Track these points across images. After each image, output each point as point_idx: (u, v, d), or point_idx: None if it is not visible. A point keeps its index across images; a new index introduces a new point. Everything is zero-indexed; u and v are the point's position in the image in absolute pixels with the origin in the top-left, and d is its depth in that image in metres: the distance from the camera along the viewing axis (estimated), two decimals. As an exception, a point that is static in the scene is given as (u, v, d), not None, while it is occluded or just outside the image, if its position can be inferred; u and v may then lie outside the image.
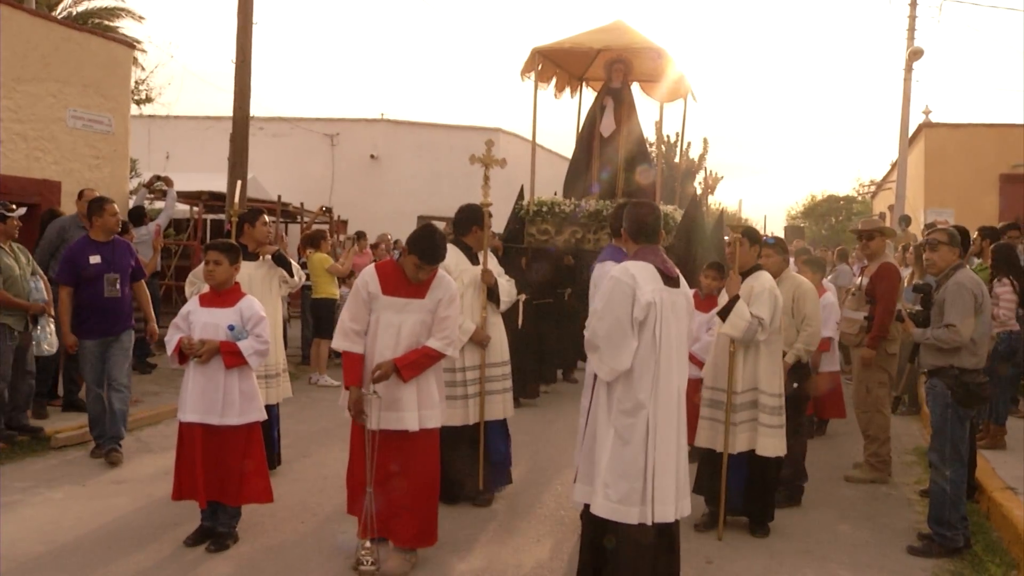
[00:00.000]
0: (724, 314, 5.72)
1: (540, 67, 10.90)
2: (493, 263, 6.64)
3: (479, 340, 6.29)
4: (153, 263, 10.20)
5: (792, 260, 8.04)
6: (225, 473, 5.32)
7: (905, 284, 8.62)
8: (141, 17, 19.90)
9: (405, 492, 5.02)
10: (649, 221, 4.54)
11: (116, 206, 7.43)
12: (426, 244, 4.95)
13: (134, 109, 16.62)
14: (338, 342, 5.08)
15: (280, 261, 6.89)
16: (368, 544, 4.93)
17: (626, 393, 4.33)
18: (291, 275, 6.95)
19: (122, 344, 7.35)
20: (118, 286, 7.25)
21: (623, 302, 4.28)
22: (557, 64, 11.39)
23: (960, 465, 5.59)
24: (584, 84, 12.15)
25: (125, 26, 19.66)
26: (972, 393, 5.52)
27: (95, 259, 7.19)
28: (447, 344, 5.07)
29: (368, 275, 5.09)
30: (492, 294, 6.40)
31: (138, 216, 11.01)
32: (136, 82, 18.51)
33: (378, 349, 5.00)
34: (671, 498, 4.34)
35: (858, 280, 7.84)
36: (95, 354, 7.25)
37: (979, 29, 79.65)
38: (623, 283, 4.31)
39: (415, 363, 4.97)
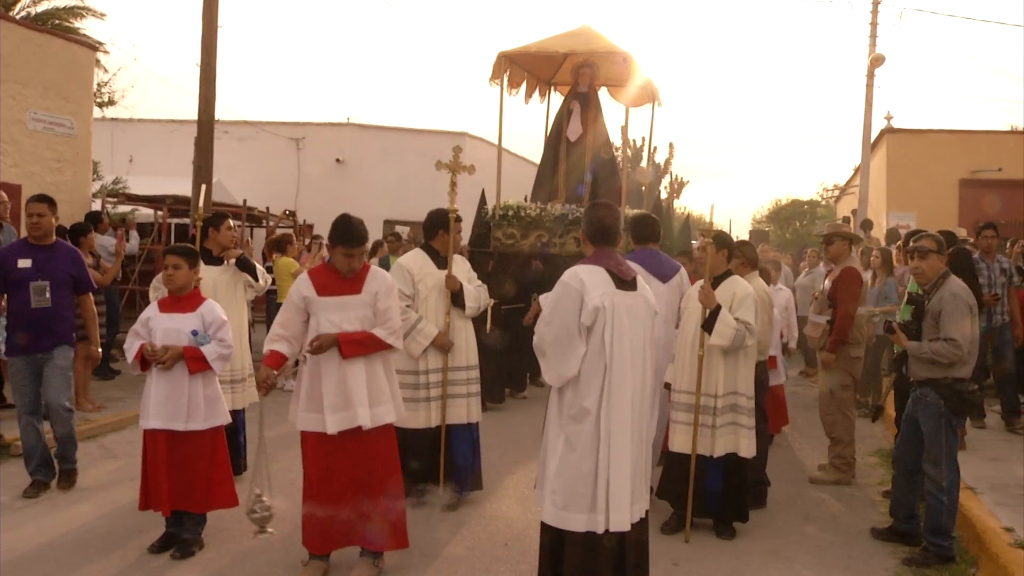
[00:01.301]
0: (708, 326, 5.71)
1: (508, 72, 10.90)
2: (465, 268, 6.62)
3: (441, 345, 6.28)
4: (116, 268, 10.10)
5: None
6: (191, 479, 5.28)
7: (868, 287, 8.72)
8: (103, 14, 19.55)
9: (369, 495, 4.99)
10: (607, 223, 4.46)
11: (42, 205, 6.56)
12: (344, 229, 4.97)
13: (97, 112, 16.43)
14: (266, 346, 5.10)
15: (244, 266, 6.85)
16: (257, 491, 4.91)
17: (573, 399, 4.25)
18: (256, 279, 6.91)
19: (55, 363, 6.48)
20: (47, 295, 6.39)
21: (571, 308, 4.21)
22: (525, 69, 11.40)
23: (957, 473, 5.55)
24: (552, 88, 12.17)
25: (87, 26, 19.38)
26: (966, 401, 5.45)
27: (24, 263, 6.40)
28: (390, 333, 5.06)
29: (301, 281, 5.10)
30: (457, 299, 6.39)
31: (94, 219, 10.86)
32: (99, 84, 18.25)
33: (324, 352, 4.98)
34: (627, 505, 4.23)
35: (823, 284, 7.92)
36: (25, 375, 6.47)
37: (938, 37, 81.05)
38: (571, 288, 4.23)
39: (358, 342, 4.96)
